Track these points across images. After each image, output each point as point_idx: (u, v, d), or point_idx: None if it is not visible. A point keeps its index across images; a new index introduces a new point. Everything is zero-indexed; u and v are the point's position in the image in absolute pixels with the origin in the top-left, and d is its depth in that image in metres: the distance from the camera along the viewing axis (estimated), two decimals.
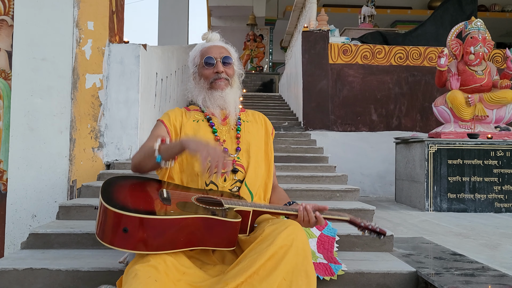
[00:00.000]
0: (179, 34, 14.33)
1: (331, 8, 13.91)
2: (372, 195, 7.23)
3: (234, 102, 2.20)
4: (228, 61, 2.18)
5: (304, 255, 1.70)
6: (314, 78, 7.50)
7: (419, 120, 7.58)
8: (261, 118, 2.33)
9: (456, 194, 5.32)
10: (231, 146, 2.14)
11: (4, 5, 4.88)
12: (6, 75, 4.86)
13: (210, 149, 1.74)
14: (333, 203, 3.66)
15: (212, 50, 2.18)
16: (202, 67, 2.18)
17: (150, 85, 5.56)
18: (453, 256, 2.85)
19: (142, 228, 1.60)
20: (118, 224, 1.60)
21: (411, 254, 2.89)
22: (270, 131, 2.30)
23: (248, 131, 2.21)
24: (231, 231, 1.74)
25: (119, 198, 1.72)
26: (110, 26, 4.96)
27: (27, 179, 4.67)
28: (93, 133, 4.82)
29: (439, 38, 8.01)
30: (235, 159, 2.10)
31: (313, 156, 5.36)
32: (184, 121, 2.17)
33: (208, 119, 2.18)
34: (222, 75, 2.15)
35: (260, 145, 2.22)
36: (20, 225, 4.65)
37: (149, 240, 1.61)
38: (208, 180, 2.03)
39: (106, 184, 1.82)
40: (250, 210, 1.84)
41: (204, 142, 1.79)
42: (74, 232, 2.86)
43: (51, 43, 4.78)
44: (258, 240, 1.73)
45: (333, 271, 2.37)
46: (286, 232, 1.69)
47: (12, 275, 2.36)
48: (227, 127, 2.18)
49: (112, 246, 1.62)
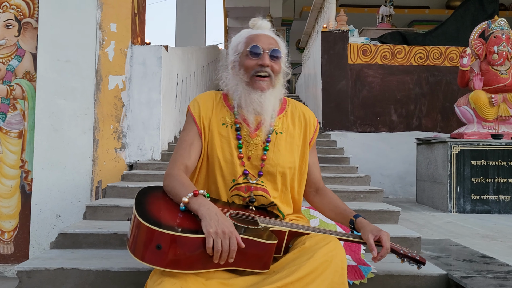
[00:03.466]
0: (196, 35, 14.39)
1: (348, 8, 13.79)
2: (392, 196, 7.18)
3: (273, 109, 1.94)
4: (276, 54, 1.90)
5: (342, 273, 1.67)
6: (333, 78, 7.47)
7: (440, 120, 7.52)
8: (302, 119, 2.06)
9: (480, 195, 5.26)
10: (255, 168, 1.94)
11: (29, 8, 4.94)
12: (31, 77, 4.92)
13: (219, 236, 1.53)
14: (357, 204, 3.64)
15: (260, 39, 1.91)
16: (245, 56, 1.91)
17: (171, 86, 5.59)
18: (483, 258, 2.82)
19: (177, 246, 1.53)
20: (151, 239, 1.53)
21: (439, 256, 2.86)
22: (309, 138, 2.05)
23: (279, 149, 1.96)
24: (266, 253, 1.65)
25: (153, 211, 1.65)
26: (132, 28, 4.99)
27: (51, 179, 4.72)
28: (115, 134, 4.85)
29: (460, 37, 7.94)
30: (253, 185, 1.92)
31: (334, 157, 5.34)
32: (213, 120, 1.95)
33: (237, 128, 1.94)
34: (266, 69, 1.88)
35: (293, 163, 1.99)
36: (44, 224, 4.70)
37: (183, 259, 1.54)
38: (230, 200, 1.92)
39: (140, 195, 1.74)
40: (286, 231, 1.78)
41: (219, 225, 1.56)
42: (102, 232, 2.88)
43: (75, 45, 4.82)
44: (296, 251, 1.70)
45: (363, 274, 2.35)
46: (327, 248, 1.66)
47: (44, 275, 2.39)
48: (256, 141, 1.94)
49: (143, 262, 1.55)
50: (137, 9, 5.17)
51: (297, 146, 2.02)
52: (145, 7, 5.61)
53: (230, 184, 1.93)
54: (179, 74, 6.14)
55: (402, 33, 8.53)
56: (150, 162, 4.72)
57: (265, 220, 1.80)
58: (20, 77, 4.93)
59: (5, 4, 4.94)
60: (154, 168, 4.63)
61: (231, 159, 1.92)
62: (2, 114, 4.88)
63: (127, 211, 3.36)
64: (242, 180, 1.93)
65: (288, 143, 1.99)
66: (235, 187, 1.93)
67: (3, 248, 4.84)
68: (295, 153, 2.01)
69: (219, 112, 1.98)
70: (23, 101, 4.92)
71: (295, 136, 2.02)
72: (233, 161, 1.92)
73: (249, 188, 1.93)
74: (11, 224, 4.87)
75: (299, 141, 2.03)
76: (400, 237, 2.91)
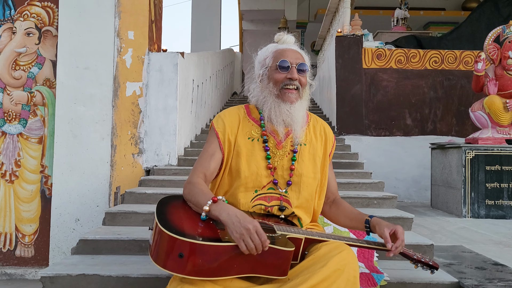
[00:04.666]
0: (211, 38, 14.47)
1: (363, 11, 13.86)
2: (407, 200, 7.19)
3: (302, 119, 2.02)
4: (303, 68, 1.99)
5: (354, 281, 1.71)
6: (347, 82, 7.50)
7: (454, 124, 7.51)
8: (322, 133, 2.14)
9: (494, 200, 5.27)
10: (282, 178, 2.01)
11: (49, 16, 5.06)
12: (50, 84, 5.04)
13: (245, 236, 1.61)
14: (371, 211, 3.67)
15: (288, 54, 2.01)
16: (274, 70, 2.00)
17: (187, 92, 5.67)
18: (495, 266, 2.85)
19: (198, 254, 1.58)
20: (173, 248, 1.59)
21: (451, 263, 2.90)
22: (329, 152, 2.13)
23: (303, 160, 2.04)
24: (284, 260, 1.70)
25: (174, 220, 1.71)
26: (150, 35, 5.08)
27: (70, 184, 4.83)
28: (133, 140, 4.95)
29: (475, 41, 7.91)
30: (282, 195, 2.00)
31: (348, 162, 5.38)
32: (239, 136, 2.02)
33: (264, 140, 2.01)
34: (295, 83, 1.97)
35: (315, 174, 2.06)
36: (64, 228, 4.81)
37: (204, 267, 1.59)
38: (252, 210, 1.97)
39: (160, 205, 1.80)
40: (302, 238, 1.83)
41: (242, 225, 1.62)
42: (122, 239, 2.97)
43: (93, 53, 4.93)
44: (310, 259, 1.76)
45: (376, 282, 2.40)
46: (340, 256, 1.71)
47: (66, 281, 2.48)
48: (283, 152, 2.02)
49: (165, 269, 1.61)
50: (154, 17, 5.26)
51: (319, 158, 2.09)
52: (162, 14, 5.71)
53: (253, 195, 1.99)
54: (195, 80, 6.23)
55: (416, 37, 8.52)
56: (166, 168, 4.80)
57: (282, 227, 1.86)
58: (40, 84, 5.05)
59: (25, 13, 5.07)
60: (170, 174, 4.71)
61: (257, 170, 1.98)
62: (23, 120, 5.01)
63: (145, 217, 3.45)
64: (267, 190, 2.00)
65: (311, 154, 2.07)
66: (257, 197, 1.99)
67: (24, 251, 4.97)
68: (317, 164, 2.08)
69: (245, 127, 2.05)
70: (43, 107, 5.04)
71: (317, 149, 2.10)
72: (259, 172, 1.99)
73: (273, 197, 2.00)
74: (31, 227, 4.99)
75: (321, 153, 2.11)
76: (413, 244, 2.95)
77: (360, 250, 2.78)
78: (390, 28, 11.82)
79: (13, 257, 4.97)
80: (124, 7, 4.98)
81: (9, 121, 5.01)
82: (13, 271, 4.90)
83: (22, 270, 4.91)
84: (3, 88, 5.02)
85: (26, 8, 5.07)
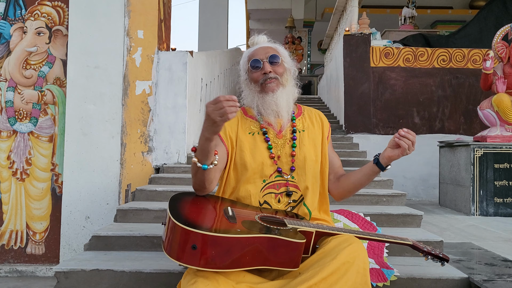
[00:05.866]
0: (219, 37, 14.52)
1: (370, 9, 13.85)
2: (415, 198, 7.19)
3: (287, 104, 2.12)
4: (275, 60, 2.09)
5: (364, 273, 1.73)
6: (355, 81, 7.51)
7: (462, 123, 7.50)
8: (318, 119, 2.25)
9: (503, 198, 5.27)
10: (286, 165, 2.10)
11: (59, 16, 5.11)
12: (61, 83, 5.09)
13: (210, 107, 1.71)
14: (380, 208, 3.70)
15: (257, 52, 2.14)
16: (250, 71, 2.13)
17: (196, 90, 5.71)
18: (505, 262, 2.86)
19: (211, 245, 1.62)
20: (187, 240, 1.62)
21: (461, 260, 2.91)
22: (326, 134, 2.23)
23: (304, 144, 2.14)
24: (295, 252, 1.74)
25: (187, 215, 1.76)
26: (159, 34, 5.12)
27: (80, 182, 4.88)
28: (142, 138, 4.99)
29: (483, 39, 7.91)
30: (288, 181, 2.07)
31: (356, 160, 5.39)
32: (239, 132, 2.12)
33: (264, 132, 2.12)
34: (271, 75, 2.07)
35: (317, 157, 2.15)
36: (74, 226, 4.86)
37: (217, 258, 1.62)
38: (262, 200, 2.05)
39: (172, 201, 1.86)
40: (313, 231, 1.86)
41: (207, 109, 1.73)
42: (133, 235, 3.00)
43: (103, 52, 4.97)
44: (320, 252, 1.78)
45: (386, 277, 2.42)
46: (349, 249, 1.73)
47: (80, 276, 2.51)
48: (283, 141, 2.12)
49: (179, 262, 1.64)
50: (163, 16, 5.30)
51: (318, 141, 2.19)
52: (171, 13, 5.74)
53: (262, 185, 2.06)
54: (203, 79, 6.26)
55: (424, 36, 8.51)
56: (176, 166, 4.84)
57: (293, 222, 1.89)
58: (51, 83, 5.10)
59: (36, 13, 5.12)
60: (180, 172, 4.75)
61: (262, 160, 2.07)
62: (33, 119, 5.06)
63: (156, 214, 3.48)
64: (274, 178, 2.08)
65: (311, 139, 2.17)
66: (267, 186, 2.07)
67: (35, 248, 5.02)
68: (318, 147, 2.18)
69: (244, 124, 2.16)
70: (53, 106, 5.09)
71: (315, 133, 2.20)
72: (264, 162, 2.07)
73: (281, 184, 2.08)
74: (42, 225, 5.04)
75: (320, 136, 2.21)
76: (423, 241, 2.94)
77: (370, 246, 2.80)
78: (397, 27, 11.82)
79: (24, 255, 5.02)
80: (134, 6, 5.01)
81: (20, 120, 5.06)
82: (24, 268, 4.96)
83: (33, 267, 4.97)
84: (14, 87, 5.07)
85: (37, 7, 5.12)
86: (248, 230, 1.71)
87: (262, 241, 1.69)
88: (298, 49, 16.20)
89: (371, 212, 3.42)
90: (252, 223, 1.81)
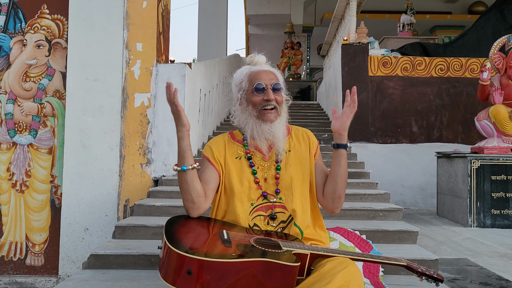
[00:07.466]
0: (218, 43, 14.53)
1: (369, 15, 13.90)
2: (413, 207, 7.22)
3: (283, 134, 2.15)
4: (278, 87, 2.12)
5: None
6: None
7: (460, 131, 7.53)
8: (305, 137, 2.26)
9: (500, 210, 5.30)
10: (272, 186, 2.12)
11: (58, 29, 5.14)
12: (60, 95, 5.12)
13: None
14: (376, 223, 3.72)
15: (262, 76, 2.13)
16: (251, 93, 2.12)
17: (194, 101, 5.74)
18: (499, 281, 2.89)
19: (207, 271, 1.64)
20: (182, 265, 1.65)
21: (456, 278, 2.94)
22: (313, 152, 2.23)
23: (290, 164, 2.16)
24: (290, 275, 1.75)
25: (182, 239, 1.79)
26: (158, 47, 5.15)
27: (79, 193, 4.90)
28: (141, 150, 5.01)
29: (480, 48, 7.94)
30: (273, 204, 2.10)
31: (354, 172, 5.41)
32: (227, 157, 2.16)
33: (248, 157, 2.15)
34: (272, 103, 2.10)
35: (304, 176, 2.17)
36: (73, 237, 4.88)
37: (212, 283, 1.65)
38: (252, 222, 2.07)
39: (168, 225, 1.89)
40: (307, 253, 1.88)
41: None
42: (131, 254, 3.03)
43: (102, 64, 5.00)
44: (316, 275, 1.79)
45: None
46: (344, 272, 1.75)
47: None
48: (269, 163, 2.16)
49: (174, 287, 1.67)
50: (162, 28, 5.33)
51: (305, 159, 2.20)
52: (169, 25, 5.77)
53: (250, 208, 2.10)
54: (202, 89, 6.29)
55: (422, 44, 8.55)
56: (174, 178, 4.86)
57: (288, 244, 1.91)
58: (50, 95, 5.13)
59: (36, 25, 5.15)
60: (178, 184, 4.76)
61: (249, 184, 2.11)
62: (33, 131, 5.09)
63: (154, 230, 3.51)
64: (261, 201, 2.11)
65: (297, 158, 2.19)
66: (255, 209, 2.10)
67: (34, 260, 5.04)
68: (305, 166, 2.19)
69: (231, 148, 2.20)
70: (53, 118, 5.12)
71: (302, 152, 2.22)
72: (250, 186, 2.12)
73: (268, 207, 2.11)
74: (41, 237, 5.07)
75: (307, 155, 2.22)
76: (418, 259, 2.99)
77: (366, 266, 2.82)
78: (396, 33, 11.86)
79: (24, 266, 5.05)
80: (133, 19, 5.05)
81: (19, 132, 5.09)
82: (23, 280, 4.98)
83: (32, 279, 4.99)
84: (14, 99, 5.10)
85: (37, 21, 5.15)
86: (242, 254, 1.74)
87: (257, 264, 1.71)
88: (297, 54, 16.22)
89: (367, 228, 3.44)
90: (247, 246, 1.83)
